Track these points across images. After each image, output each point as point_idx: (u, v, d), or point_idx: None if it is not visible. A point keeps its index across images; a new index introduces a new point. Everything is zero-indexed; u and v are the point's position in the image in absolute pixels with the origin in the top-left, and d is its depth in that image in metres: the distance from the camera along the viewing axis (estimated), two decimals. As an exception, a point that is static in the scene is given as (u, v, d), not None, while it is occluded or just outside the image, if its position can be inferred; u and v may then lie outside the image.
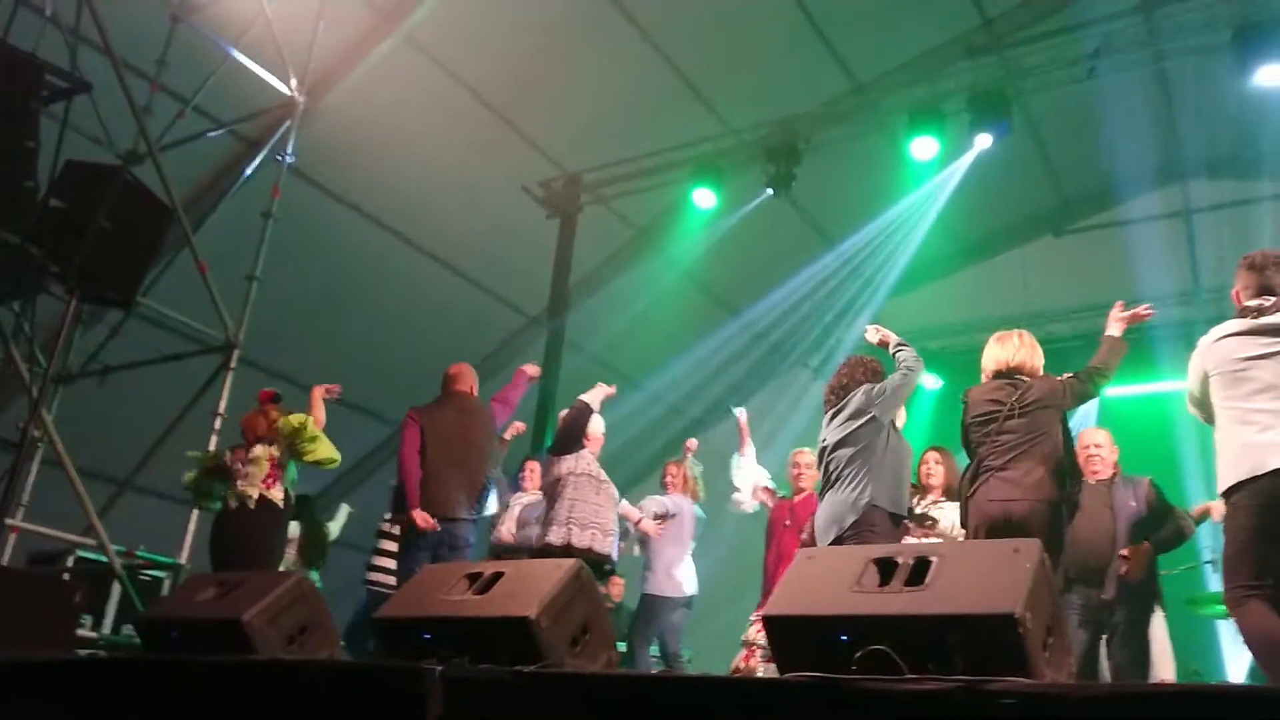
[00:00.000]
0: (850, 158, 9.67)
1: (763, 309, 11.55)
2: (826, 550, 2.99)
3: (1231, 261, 11.28)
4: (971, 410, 4.41)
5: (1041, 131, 10.05)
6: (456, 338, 10.47)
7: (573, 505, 5.32)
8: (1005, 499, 4.11)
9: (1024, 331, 4.53)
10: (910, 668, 2.42)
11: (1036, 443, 4.20)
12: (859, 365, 4.94)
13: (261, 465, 5.64)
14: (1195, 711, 1.99)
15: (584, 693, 2.67)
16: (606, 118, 9.51)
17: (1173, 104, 10.51)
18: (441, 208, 9.56)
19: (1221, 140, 10.73)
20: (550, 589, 3.06)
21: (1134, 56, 8.44)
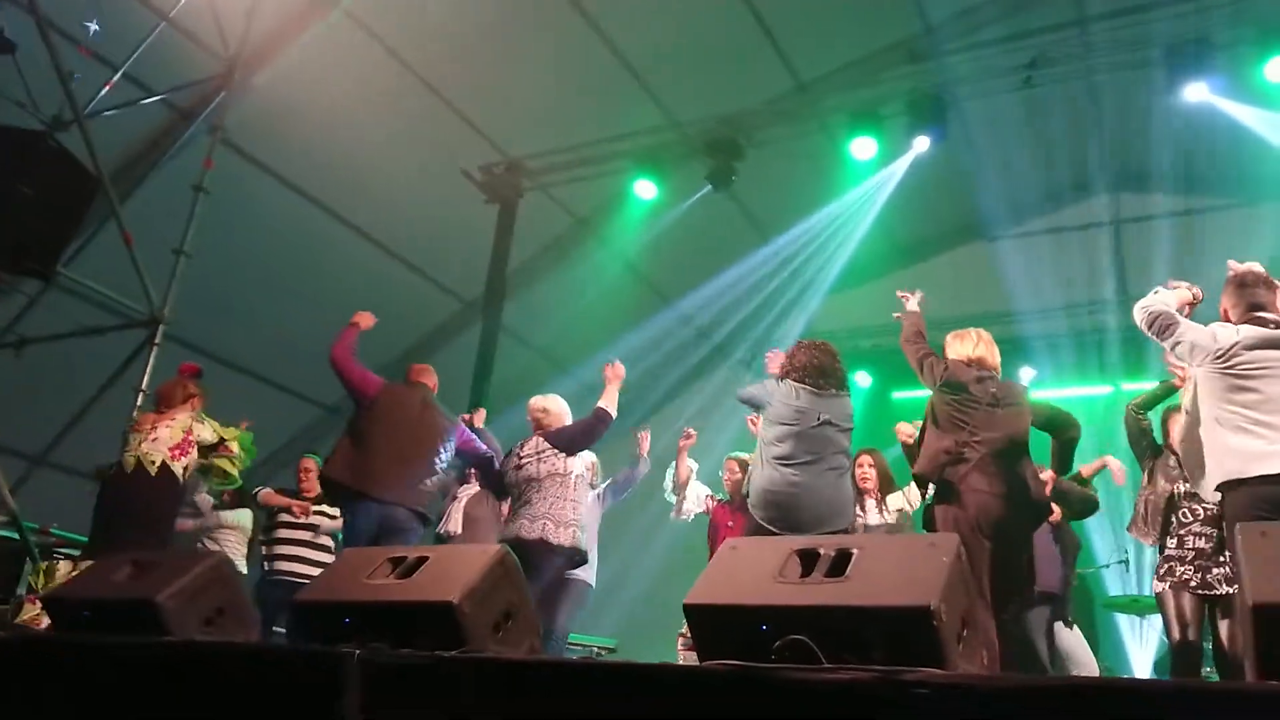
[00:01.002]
0: (791, 156, 9.74)
1: (703, 305, 11.58)
2: (750, 541, 3.01)
3: (1157, 271, 11.65)
4: (953, 372, 4.45)
5: (977, 138, 10.23)
6: (390, 321, 10.21)
7: (553, 503, 5.26)
8: (992, 492, 4.18)
9: (980, 330, 4.64)
10: (828, 658, 2.45)
11: (1016, 444, 4.32)
12: (835, 356, 4.93)
13: (176, 433, 5.36)
14: (1104, 705, 2.05)
15: (505, 678, 2.66)
16: (550, 104, 9.44)
17: (1105, 117, 10.78)
18: (379, 188, 9.40)
19: (1151, 153, 11.02)
20: (474, 574, 3.04)
21: (1068, 69, 8.63)
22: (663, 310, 11.92)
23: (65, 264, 6.96)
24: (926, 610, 2.39)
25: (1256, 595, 2.15)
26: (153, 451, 5.28)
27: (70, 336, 7.24)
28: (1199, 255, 10.93)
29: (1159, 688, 2.31)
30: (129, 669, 3.23)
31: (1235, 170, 10.43)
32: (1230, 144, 9.43)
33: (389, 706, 2.78)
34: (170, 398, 5.58)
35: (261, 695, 2.99)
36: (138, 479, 5.24)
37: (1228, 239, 10.82)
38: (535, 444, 5.43)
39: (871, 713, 2.17)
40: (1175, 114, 8.29)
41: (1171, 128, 9.24)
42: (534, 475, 5.28)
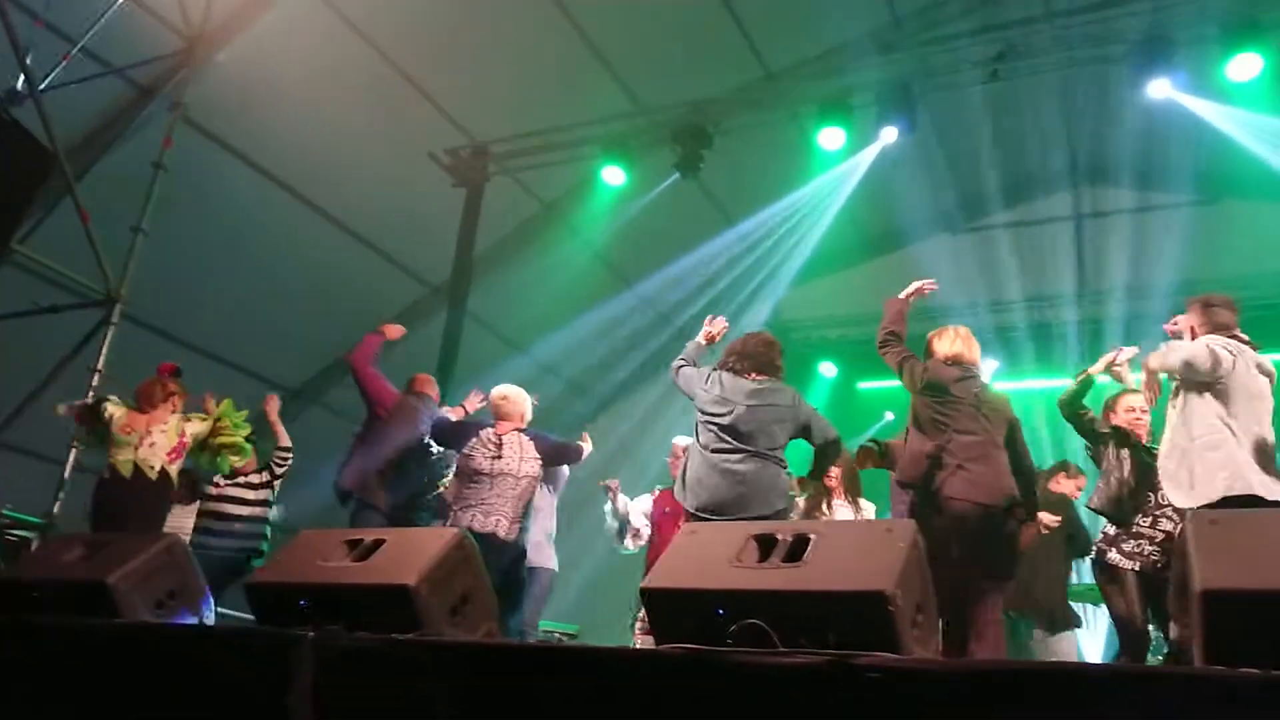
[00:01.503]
0: (760, 145, 9.75)
1: (669, 292, 11.57)
2: (708, 526, 3.01)
3: (1118, 267, 11.76)
4: (933, 373, 4.43)
5: (945, 130, 10.29)
6: (353, 304, 10.22)
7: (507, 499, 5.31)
8: (977, 500, 4.17)
9: (959, 326, 4.66)
10: (784, 642, 2.47)
11: (999, 445, 4.33)
12: (772, 345, 4.87)
13: (171, 437, 5.46)
14: (1052, 689, 2.08)
15: (460, 662, 2.65)
16: (518, 88, 9.36)
17: (1071, 112, 10.87)
18: (343, 170, 9.29)
19: (1115, 149, 11.15)
20: (431, 558, 3.02)
21: (1035, 63, 8.67)
22: (625, 294, 11.92)
23: (20, 241, 6.83)
24: (881, 595, 2.41)
25: (1205, 582, 2.19)
26: (151, 457, 5.39)
27: (25, 315, 7.10)
28: (1159, 251, 11.12)
29: (1104, 672, 2.34)
30: (79, 651, 3.19)
31: (1195, 168, 10.57)
32: (1191, 142, 9.55)
33: (343, 689, 2.75)
34: (150, 397, 5.59)
35: (213, 678, 2.95)
36: (137, 484, 5.34)
37: (1187, 236, 11.01)
38: (516, 443, 5.43)
39: (824, 695, 2.19)
40: (1139, 110, 8.38)
41: (1135, 124, 9.34)
42: (507, 471, 5.30)
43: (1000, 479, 4.20)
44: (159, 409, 5.56)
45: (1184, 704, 1.90)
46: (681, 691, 2.36)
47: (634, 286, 11.63)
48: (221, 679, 2.95)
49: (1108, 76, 8.49)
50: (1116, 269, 11.47)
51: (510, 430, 5.41)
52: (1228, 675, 1.92)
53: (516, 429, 5.45)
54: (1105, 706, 2.00)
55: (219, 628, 3.57)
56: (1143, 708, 1.94)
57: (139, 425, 5.47)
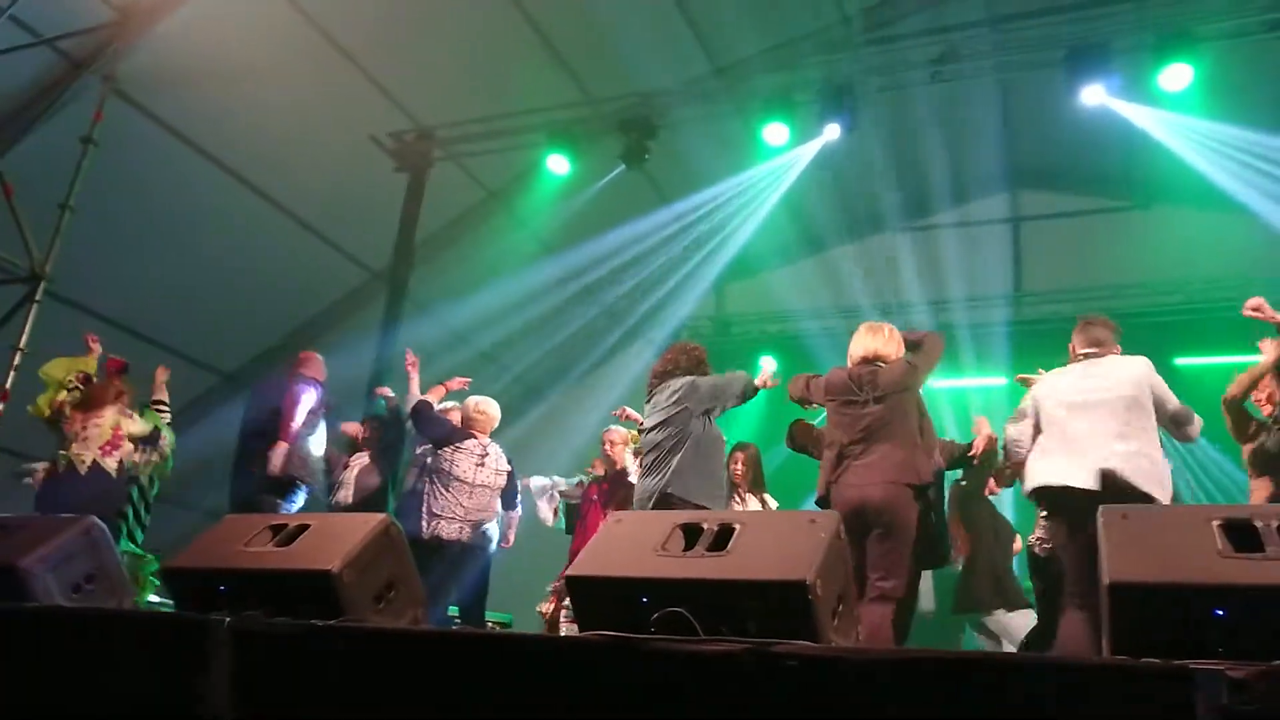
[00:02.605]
0: (705, 138, 9.77)
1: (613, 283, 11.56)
2: (636, 514, 3.01)
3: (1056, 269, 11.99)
4: (830, 391, 4.50)
5: (888, 130, 10.38)
6: (292, 287, 10.09)
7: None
8: (862, 484, 4.19)
9: (892, 325, 4.69)
10: (706, 630, 2.48)
11: (893, 427, 4.30)
12: (682, 352, 4.97)
13: (105, 431, 5.52)
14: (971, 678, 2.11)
15: (380, 649, 2.62)
16: (464, 73, 9.26)
17: (1011, 115, 11.05)
18: (283, 150, 9.10)
19: (1053, 153, 11.37)
20: (355, 544, 2.98)
21: (976, 65, 8.80)
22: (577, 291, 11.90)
23: (-62, 214, 6.60)
24: (802, 585, 2.43)
25: (1113, 574, 2.24)
26: (83, 451, 5.46)
27: (-57, 290, 6.89)
28: (1094, 255, 11.37)
29: (1022, 661, 2.39)
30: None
31: (1130, 173, 10.83)
32: (1126, 148, 9.77)
33: (261, 676, 2.71)
34: (101, 399, 5.68)
35: (128, 664, 2.89)
36: (70, 478, 5.42)
37: (1122, 239, 11.28)
38: (495, 456, 5.63)
39: (743, 684, 2.20)
40: (1076, 116, 8.53)
41: (1072, 129, 9.50)
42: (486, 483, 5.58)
43: (890, 457, 4.21)
44: (106, 407, 5.67)
45: (1087, 690, 1.94)
46: (602, 678, 2.36)
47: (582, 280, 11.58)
48: (136, 665, 2.89)
49: (1046, 82, 8.63)
50: (1052, 271, 11.72)
51: (493, 443, 5.60)
52: (1131, 665, 1.97)
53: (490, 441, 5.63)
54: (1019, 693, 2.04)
55: (133, 613, 3.49)
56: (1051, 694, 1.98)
57: (77, 420, 5.58)
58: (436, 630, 2.87)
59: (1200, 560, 2.21)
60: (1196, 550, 2.24)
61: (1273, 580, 2.13)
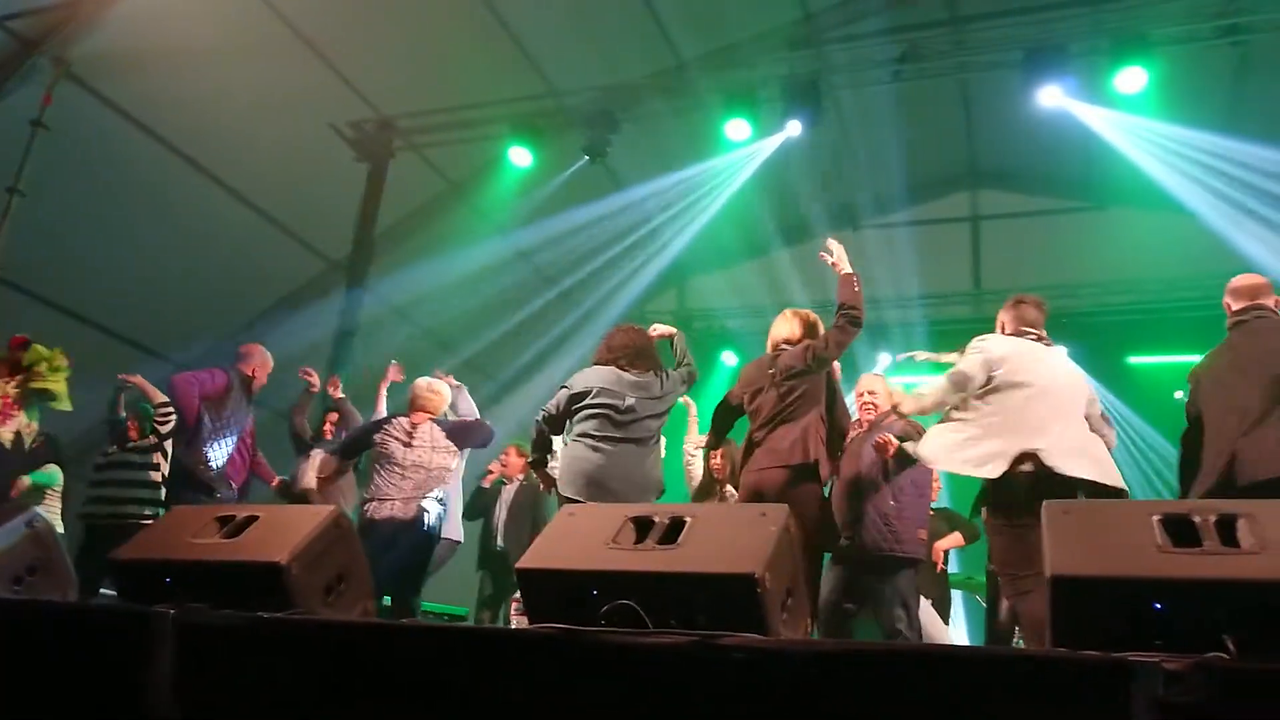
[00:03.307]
0: (668, 132, 9.78)
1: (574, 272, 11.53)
2: (588, 507, 3.01)
3: (1013, 268, 12.12)
4: (744, 385, 4.58)
5: (849, 128, 10.46)
6: (248, 276, 9.95)
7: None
8: (760, 469, 4.26)
9: (804, 310, 4.70)
10: (655, 623, 2.48)
11: (793, 410, 4.32)
12: (633, 330, 4.93)
13: None
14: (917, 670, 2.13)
15: (328, 642, 2.60)
16: (427, 63, 9.19)
17: (972, 115, 11.18)
18: (241, 137, 8.96)
19: (1012, 153, 11.51)
20: (304, 536, 2.95)
21: (937, 65, 8.89)
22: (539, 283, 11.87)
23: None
24: (750, 578, 2.44)
25: (1055, 568, 2.27)
26: None
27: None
28: (1053, 254, 11.53)
29: (963, 654, 2.42)
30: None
31: (1087, 175, 10.99)
32: (1084, 149, 9.91)
33: (206, 669, 2.68)
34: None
35: (71, 656, 2.84)
36: None
37: (1079, 239, 11.45)
38: (428, 430, 5.48)
39: (690, 676, 2.21)
40: (1035, 117, 8.65)
41: (1031, 130, 9.62)
42: (420, 462, 5.39)
43: (785, 439, 4.23)
44: None
45: (1026, 682, 1.97)
46: (550, 671, 2.36)
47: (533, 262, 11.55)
48: (79, 658, 2.84)
49: (1006, 82, 8.74)
50: (1011, 270, 11.85)
51: (427, 421, 5.48)
52: (1068, 657, 2.00)
53: (432, 420, 5.52)
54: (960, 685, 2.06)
55: (75, 605, 3.43)
56: (990, 686, 2.01)
57: None
58: (385, 623, 2.86)
59: (1140, 554, 2.25)
60: (1136, 545, 2.27)
61: (1208, 574, 2.17)
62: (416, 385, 5.65)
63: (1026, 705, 2.02)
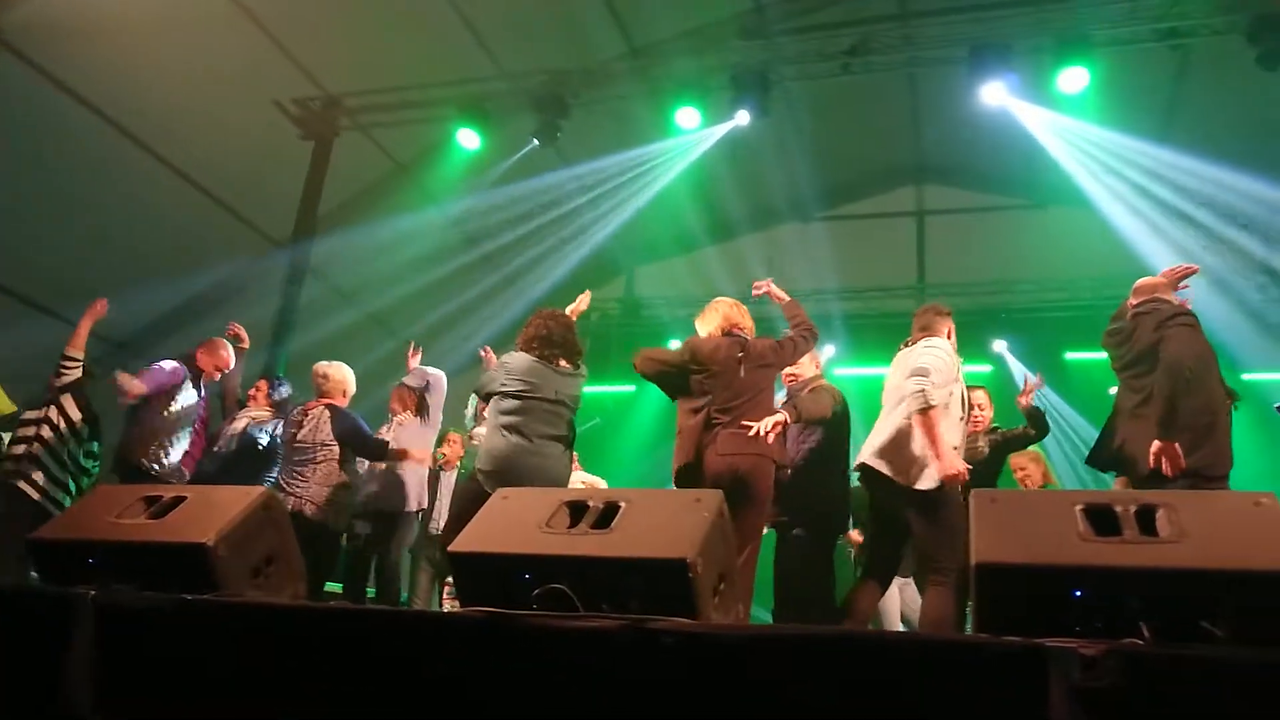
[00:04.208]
0: (618, 118, 9.75)
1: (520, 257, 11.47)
2: (522, 491, 2.99)
3: (955, 263, 12.27)
4: (697, 355, 4.54)
5: (799, 120, 10.51)
6: (189, 255, 9.73)
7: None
8: (731, 453, 4.26)
9: (721, 298, 4.80)
10: (587, 607, 2.48)
11: (759, 399, 4.41)
12: (550, 317, 4.89)
13: None
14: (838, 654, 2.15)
15: (253, 624, 2.56)
16: (375, 42, 9.04)
17: (918, 111, 11.29)
18: (183, 114, 8.76)
19: (958, 150, 11.65)
20: (232, 517, 2.90)
21: (886, 59, 8.96)
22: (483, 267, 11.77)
23: None
24: (683, 563, 2.44)
25: (980, 556, 2.31)
26: None
27: None
28: (994, 250, 11.71)
29: (886, 638, 2.45)
30: None
31: (1029, 173, 11.17)
32: (1026, 148, 10.06)
33: (127, 652, 2.62)
34: None
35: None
36: None
37: (1019, 236, 11.64)
38: (315, 417, 5.50)
39: (618, 660, 2.21)
40: (980, 114, 8.76)
41: (976, 127, 9.75)
42: (304, 441, 5.40)
43: (746, 433, 4.25)
44: None
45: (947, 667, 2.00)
46: (479, 654, 2.34)
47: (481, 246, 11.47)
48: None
49: (953, 79, 8.83)
50: (954, 264, 12.03)
51: (320, 405, 5.42)
52: (987, 642, 2.04)
53: (327, 405, 5.45)
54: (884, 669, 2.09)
55: (-7, 585, 3.34)
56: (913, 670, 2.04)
57: None
58: (313, 605, 2.82)
59: (1062, 543, 2.29)
60: (1059, 533, 2.32)
61: (1126, 563, 2.22)
62: (312, 372, 5.64)
63: (949, 688, 2.05)
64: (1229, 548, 2.21)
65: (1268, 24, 7.35)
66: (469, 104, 9.19)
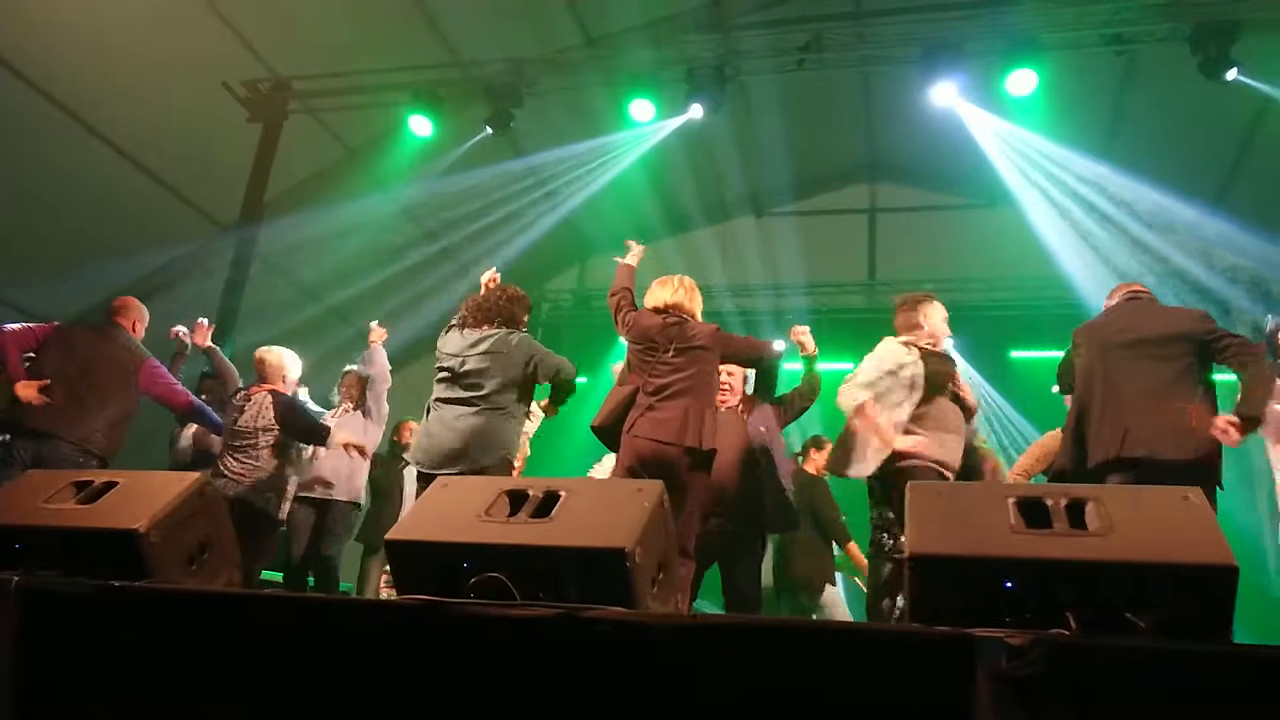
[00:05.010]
0: (572, 109, 9.71)
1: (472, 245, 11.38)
2: (463, 479, 2.97)
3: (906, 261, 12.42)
4: (636, 330, 4.44)
5: (754, 115, 10.55)
6: (132, 237, 9.52)
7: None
8: (653, 437, 4.13)
9: (684, 277, 4.64)
10: (526, 596, 2.48)
11: (693, 385, 4.26)
12: (502, 293, 4.81)
13: None
14: (768, 643, 2.17)
15: (184, 611, 2.51)
16: (327, 24, 8.90)
17: (873, 109, 11.38)
18: (127, 91, 8.55)
19: (910, 149, 11.77)
20: (165, 503, 2.85)
21: (840, 57, 9.02)
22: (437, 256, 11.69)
23: None
24: (621, 552, 2.45)
25: (914, 547, 2.34)
26: None
27: None
28: (944, 249, 11.86)
29: (816, 628, 2.47)
30: None
31: (978, 173, 11.31)
32: (977, 148, 10.19)
33: (54, 639, 2.57)
34: None
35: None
36: None
37: (968, 235, 11.79)
38: (258, 403, 5.40)
39: (553, 647, 2.21)
40: (932, 113, 8.86)
41: (928, 126, 9.86)
42: (245, 427, 5.32)
43: (688, 420, 4.15)
44: None
45: (878, 656, 2.03)
46: (415, 641, 2.33)
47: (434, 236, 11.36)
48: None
49: (906, 78, 8.92)
50: (905, 262, 12.16)
51: (263, 391, 5.34)
52: (916, 632, 2.06)
53: (270, 390, 5.37)
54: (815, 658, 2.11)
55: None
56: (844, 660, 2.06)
57: None
58: (246, 593, 2.77)
59: (994, 535, 2.33)
60: (991, 525, 2.36)
61: (1055, 554, 2.26)
62: (255, 355, 5.56)
63: (881, 677, 2.08)
64: (1154, 541, 2.26)
65: (1208, 32, 7.52)
66: (422, 90, 9.10)
